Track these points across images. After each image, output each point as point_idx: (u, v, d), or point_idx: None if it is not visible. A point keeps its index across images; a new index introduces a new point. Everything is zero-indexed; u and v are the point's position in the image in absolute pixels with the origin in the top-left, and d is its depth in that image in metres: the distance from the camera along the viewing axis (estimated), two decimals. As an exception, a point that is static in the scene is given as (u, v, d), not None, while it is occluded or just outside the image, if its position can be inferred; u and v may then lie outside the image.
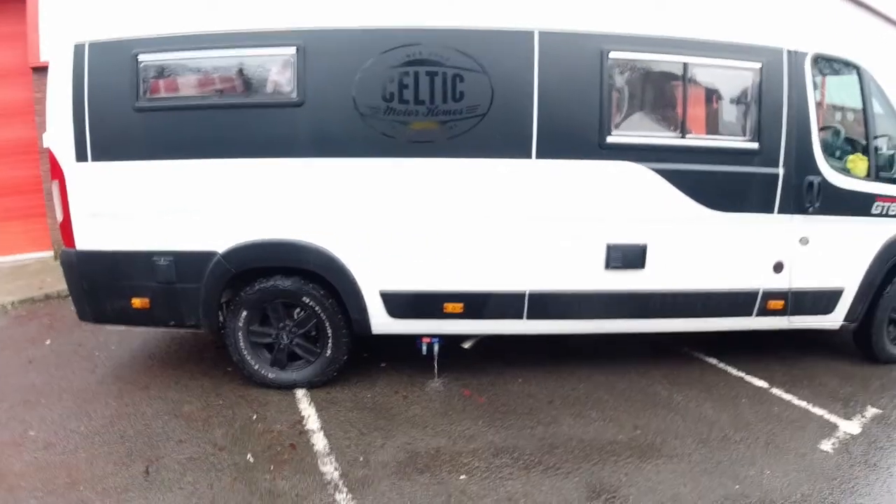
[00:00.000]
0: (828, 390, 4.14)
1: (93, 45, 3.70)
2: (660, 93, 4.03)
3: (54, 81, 3.79)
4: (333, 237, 3.78)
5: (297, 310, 4.00)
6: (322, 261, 3.80)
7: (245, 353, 4.03)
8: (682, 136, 3.86)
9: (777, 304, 4.13)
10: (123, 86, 3.68)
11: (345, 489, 3.06)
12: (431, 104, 3.64)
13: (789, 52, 3.87)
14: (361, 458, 3.33)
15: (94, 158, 3.77)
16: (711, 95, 4.04)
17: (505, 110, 3.66)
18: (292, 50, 3.60)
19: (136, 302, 3.96)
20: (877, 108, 4.08)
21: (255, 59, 3.71)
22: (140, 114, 3.71)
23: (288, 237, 3.80)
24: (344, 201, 3.75)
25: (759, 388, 4.17)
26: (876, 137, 4.08)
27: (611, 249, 3.89)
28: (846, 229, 4.10)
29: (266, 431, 3.61)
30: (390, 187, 3.75)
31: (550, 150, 3.72)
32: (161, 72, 3.76)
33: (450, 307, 3.89)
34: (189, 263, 3.85)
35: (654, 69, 3.91)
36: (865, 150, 4.10)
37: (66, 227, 3.94)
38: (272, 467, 3.25)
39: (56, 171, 3.85)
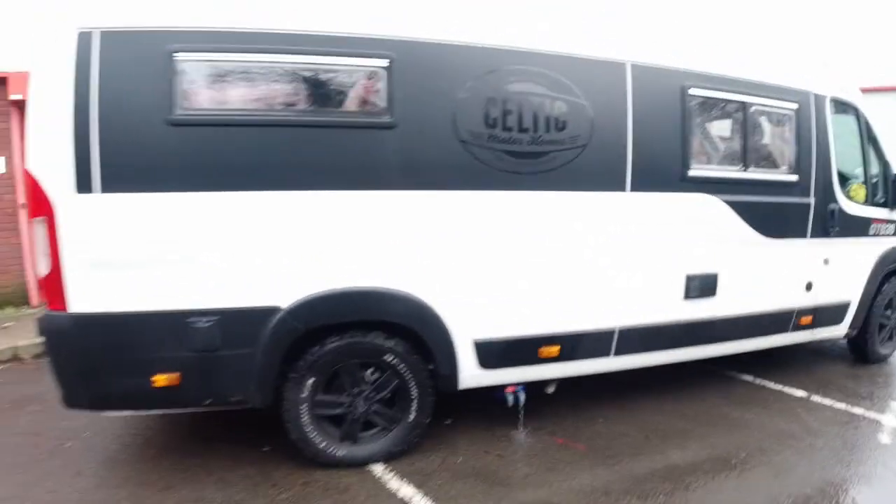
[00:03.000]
0: (852, 391, 4.24)
1: (106, 35, 2.56)
2: (727, 128, 3.83)
3: (43, 82, 2.58)
4: (426, 282, 2.99)
5: (371, 370, 3.06)
6: (413, 311, 2.97)
7: (309, 429, 3.01)
8: (745, 170, 3.68)
9: (807, 319, 4.12)
10: (153, 91, 2.59)
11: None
12: (535, 133, 3.03)
13: (815, 95, 3.89)
14: (516, 540, 2.54)
15: (105, 188, 2.59)
16: (764, 132, 3.95)
17: (604, 141, 3.18)
18: (384, 62, 2.79)
19: (160, 379, 2.77)
20: (869, 145, 4.27)
21: (336, 70, 2.81)
22: (177, 129, 2.62)
23: (373, 285, 2.92)
24: (437, 240, 2.99)
25: (802, 398, 4.13)
26: (869, 170, 4.26)
27: (689, 279, 3.55)
28: (853, 249, 4.25)
29: (371, 526, 2.65)
30: (489, 223, 3.07)
31: (643, 182, 3.33)
32: (207, 75, 2.69)
33: (545, 351, 3.28)
34: (240, 324, 2.79)
35: (723, 106, 3.73)
36: (864, 181, 4.24)
37: (54, 283, 2.64)
38: (419, 577, 2.33)
39: (42, 207, 2.58)
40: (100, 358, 2.71)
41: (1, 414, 3.92)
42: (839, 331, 4.41)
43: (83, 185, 2.56)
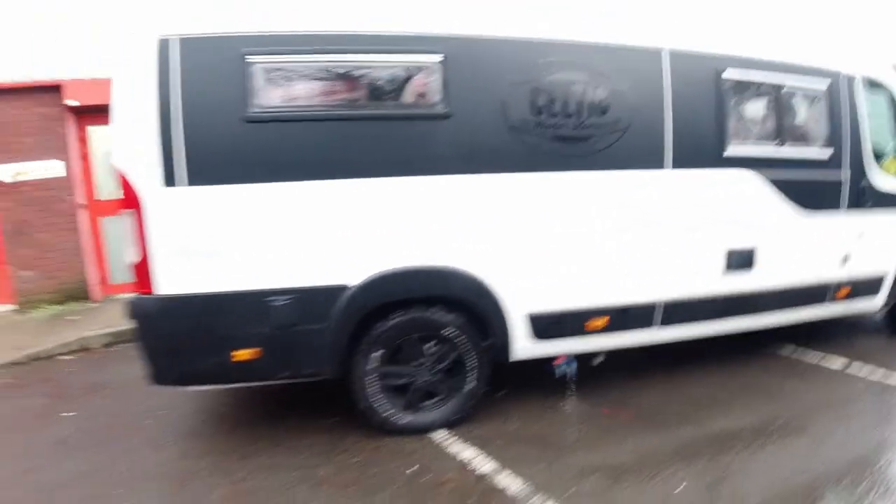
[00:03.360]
0: (889, 364, 4.33)
1: (185, 41, 2.85)
2: (761, 108, 4.01)
3: (128, 87, 2.89)
4: (482, 260, 3.25)
5: (430, 343, 3.34)
6: (471, 287, 3.24)
7: (376, 398, 3.31)
8: (780, 147, 3.85)
9: (844, 291, 4.28)
10: (230, 92, 2.88)
11: (588, 531, 2.53)
12: (580, 118, 3.27)
13: (845, 74, 4.07)
14: (572, 490, 2.82)
15: (191, 182, 2.90)
16: (798, 110, 4.12)
17: (644, 124, 3.40)
18: (439, 57, 3.07)
19: (241, 354, 3.08)
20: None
21: (395, 66, 3.09)
22: (252, 125, 2.92)
23: (435, 263, 3.19)
24: (492, 220, 3.25)
25: (840, 370, 4.27)
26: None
27: (729, 253, 3.76)
28: (887, 222, 4.37)
29: (440, 483, 2.96)
30: (539, 203, 3.33)
31: (682, 160, 3.53)
32: (278, 76, 2.98)
33: (595, 323, 3.53)
34: (314, 301, 3.09)
35: (757, 87, 3.89)
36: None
37: (143, 269, 2.96)
38: (487, 522, 2.61)
39: (132, 200, 2.90)
40: (186, 336, 3.03)
41: (78, 398, 4.28)
42: (876, 303, 4.56)
43: (169, 179, 2.88)
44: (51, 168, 6.14)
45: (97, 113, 6.31)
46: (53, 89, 6.02)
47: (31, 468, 3.25)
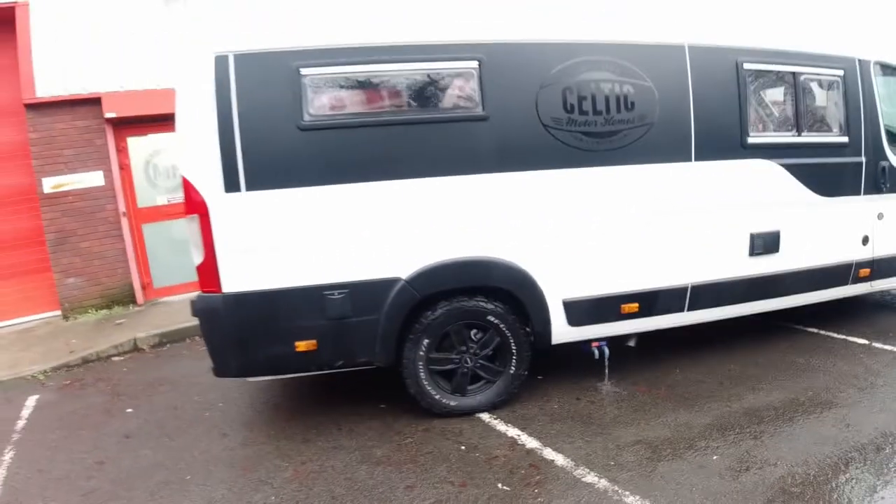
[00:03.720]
0: None
1: (240, 57, 3.13)
2: (779, 97, 4.24)
3: (189, 101, 3.18)
4: (521, 251, 3.54)
5: (475, 331, 3.63)
6: (512, 276, 3.53)
7: (425, 383, 3.60)
8: (798, 135, 4.09)
9: (865, 271, 4.50)
10: (284, 102, 3.17)
11: (627, 492, 2.84)
12: (608, 114, 3.55)
13: (860, 60, 4.27)
14: (612, 463, 3.11)
15: (249, 187, 3.19)
16: (814, 98, 4.35)
17: (669, 118, 3.66)
18: (475, 63, 3.34)
19: (301, 345, 3.38)
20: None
21: (435, 73, 3.38)
22: (306, 133, 3.21)
23: (478, 255, 3.49)
24: (530, 214, 3.53)
25: (864, 345, 4.52)
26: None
27: (754, 238, 4.01)
28: (907, 203, 4.55)
29: (490, 459, 3.24)
30: (572, 196, 3.61)
31: (706, 152, 3.78)
32: (328, 86, 3.29)
33: (627, 308, 3.80)
34: (367, 294, 3.39)
35: (774, 77, 4.14)
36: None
37: (208, 269, 3.26)
38: (536, 490, 2.93)
39: (196, 205, 3.20)
40: (250, 330, 3.33)
41: (138, 395, 4.61)
42: (897, 282, 4.79)
43: (231, 185, 3.18)
44: (90, 178, 6.52)
45: (135, 124, 6.71)
46: (92, 102, 6.39)
47: (104, 460, 3.57)
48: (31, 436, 4.02)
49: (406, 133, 3.33)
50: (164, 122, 6.78)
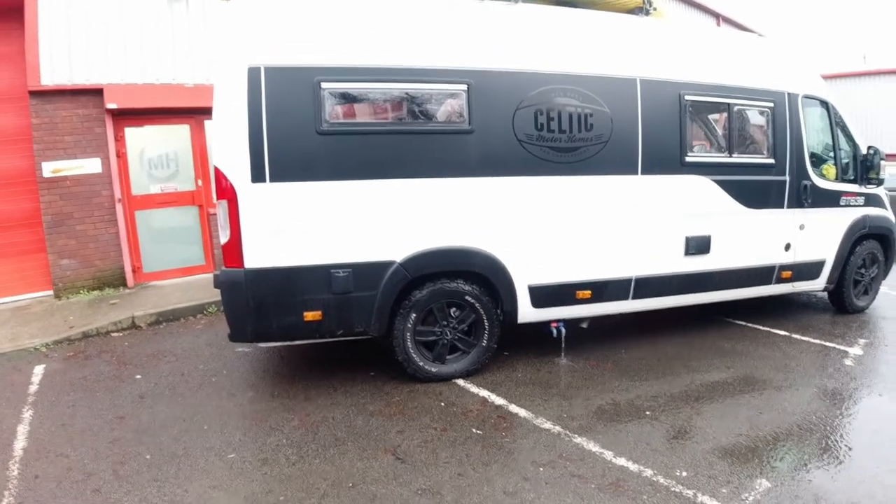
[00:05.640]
0: (828, 332, 5.81)
1: (269, 70, 4.00)
2: (715, 124, 5.41)
3: (225, 103, 4.02)
4: (495, 243, 4.57)
5: (454, 308, 4.65)
6: (487, 263, 4.56)
7: (412, 351, 4.59)
8: (730, 155, 5.25)
9: (787, 273, 5.68)
10: (305, 110, 4.06)
11: (576, 435, 3.86)
12: (570, 133, 4.62)
13: (789, 93, 5.46)
14: (565, 415, 4.14)
15: (273, 179, 4.07)
16: (746, 124, 5.51)
17: (621, 138, 4.76)
18: (464, 86, 4.36)
19: (309, 315, 4.30)
20: (839, 131, 5.85)
21: (432, 93, 4.37)
22: (323, 137, 4.12)
23: (460, 244, 4.50)
24: (504, 212, 4.56)
25: (785, 336, 5.71)
26: (839, 151, 5.84)
27: (688, 240, 5.14)
28: (826, 217, 5.80)
29: (466, 412, 4.25)
30: (539, 199, 4.65)
31: (650, 167, 4.89)
32: (343, 98, 4.23)
33: (581, 294, 4.86)
34: (367, 273, 4.33)
35: (712, 107, 5.29)
36: (834, 161, 5.83)
37: (233, 247, 4.12)
38: (503, 433, 3.92)
39: (226, 192, 4.05)
40: (266, 301, 4.23)
41: (144, 364, 5.41)
42: (817, 284, 6.00)
43: (258, 176, 4.07)
44: (88, 165, 7.33)
45: (134, 115, 7.56)
46: (95, 93, 7.21)
47: (124, 416, 4.36)
48: (47, 398, 4.73)
49: (406, 140, 4.33)
50: (160, 115, 7.71)
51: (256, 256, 4.14)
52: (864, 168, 6.02)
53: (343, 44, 4.20)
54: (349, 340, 4.68)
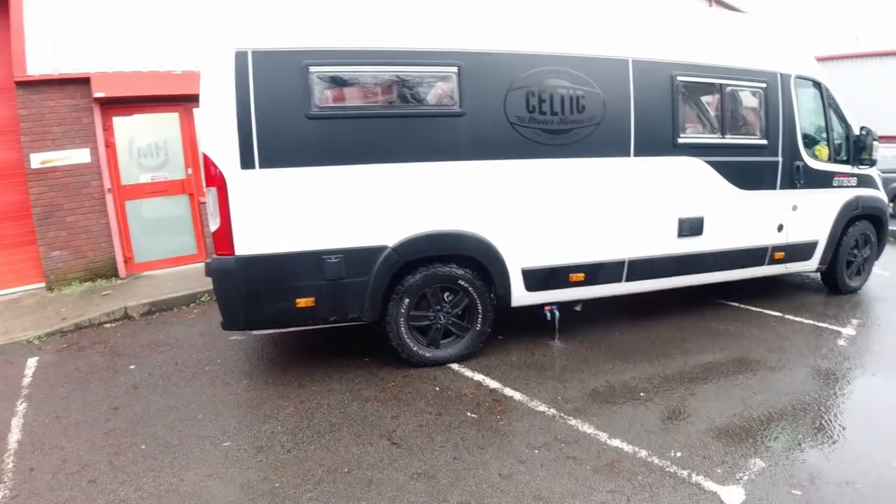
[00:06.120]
0: (820, 313, 5.83)
1: (257, 54, 3.93)
2: (708, 105, 5.37)
3: (212, 89, 3.95)
4: (488, 226, 4.54)
5: (448, 293, 4.63)
6: (480, 247, 4.53)
7: (406, 336, 4.57)
8: (723, 137, 5.23)
9: (780, 254, 5.69)
10: (293, 95, 3.99)
11: (570, 417, 3.86)
12: (562, 115, 4.58)
13: (781, 74, 5.42)
14: (559, 398, 4.14)
15: (262, 165, 4.00)
16: (739, 105, 5.48)
17: (613, 120, 4.72)
18: (455, 68, 4.30)
19: (301, 302, 4.26)
20: (831, 112, 5.82)
21: (422, 75, 4.31)
22: (312, 121, 4.05)
23: (452, 228, 4.46)
24: (496, 195, 4.53)
25: (778, 317, 5.73)
26: (831, 132, 5.82)
27: (681, 221, 5.13)
28: (819, 198, 5.80)
29: (461, 396, 4.24)
30: (531, 182, 4.61)
31: (642, 149, 4.86)
32: (332, 82, 4.15)
33: (574, 277, 4.85)
34: (359, 259, 4.29)
35: (704, 88, 5.25)
36: (826, 142, 5.81)
37: (223, 235, 4.07)
38: (499, 417, 3.92)
39: (215, 179, 3.98)
40: (258, 288, 4.18)
41: (137, 355, 5.38)
42: (810, 265, 6.01)
43: (247, 162, 4.00)
44: (77, 155, 7.24)
45: (122, 104, 7.46)
46: (82, 82, 7.10)
47: (118, 406, 4.34)
48: (40, 390, 4.71)
49: (396, 124, 4.26)
50: (148, 103, 7.61)
51: (247, 243, 4.09)
52: (856, 149, 6.00)
53: (331, 26, 4.14)
54: (343, 327, 4.65)
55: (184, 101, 7.69)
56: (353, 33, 4.16)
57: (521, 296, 4.77)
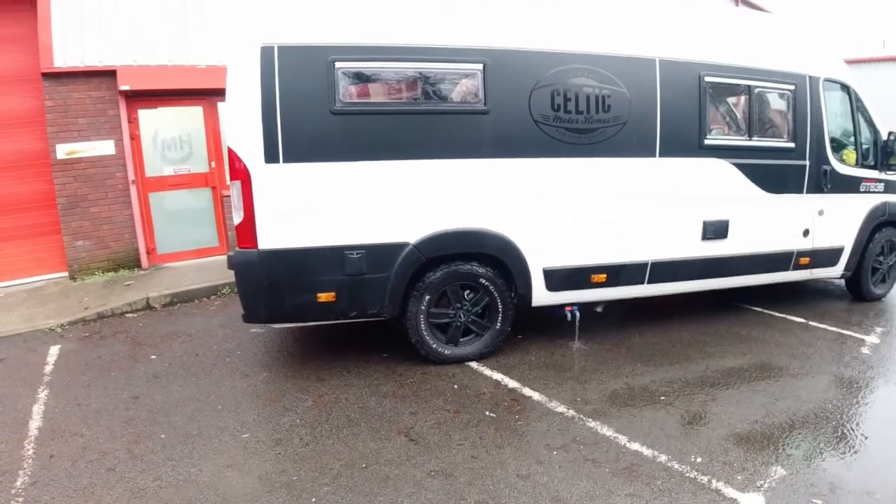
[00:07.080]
0: (844, 320, 5.72)
1: (283, 49, 3.93)
2: (734, 106, 5.29)
3: (237, 83, 3.97)
4: (510, 225, 4.50)
5: (468, 291, 4.61)
6: (501, 245, 4.50)
7: (425, 333, 4.56)
8: (750, 139, 5.14)
9: (805, 260, 5.58)
10: (318, 90, 3.99)
11: (589, 419, 3.82)
12: (588, 114, 4.53)
13: (810, 76, 5.32)
14: (579, 399, 4.10)
15: (286, 160, 4.01)
16: (767, 107, 5.39)
17: (639, 120, 4.66)
18: (480, 66, 4.27)
19: (322, 296, 4.26)
20: (860, 116, 5.71)
21: (447, 72, 4.29)
22: (337, 117, 4.05)
23: (474, 226, 4.44)
24: (519, 194, 4.50)
25: (801, 323, 5.63)
26: (859, 137, 5.71)
27: (706, 224, 5.05)
28: (846, 203, 5.69)
29: (479, 394, 4.22)
30: (555, 181, 4.57)
31: (668, 150, 4.80)
32: (357, 78, 4.16)
33: (596, 278, 4.80)
34: (380, 255, 4.28)
35: (731, 89, 5.17)
36: (854, 146, 5.70)
37: (246, 228, 4.08)
38: (517, 417, 3.89)
39: (240, 172, 4.00)
40: (280, 282, 4.20)
41: (158, 345, 5.43)
42: (835, 271, 5.90)
43: (271, 157, 4.01)
44: (102, 147, 7.33)
45: (147, 97, 7.53)
46: (108, 74, 7.18)
47: (138, 395, 4.38)
48: (62, 378, 4.76)
49: (420, 121, 4.25)
50: (173, 96, 7.68)
51: (270, 237, 4.10)
52: (884, 154, 5.88)
53: (357, 22, 4.13)
54: (362, 322, 4.66)
55: (208, 95, 7.74)
56: (378, 29, 4.15)
57: (541, 295, 4.73)
